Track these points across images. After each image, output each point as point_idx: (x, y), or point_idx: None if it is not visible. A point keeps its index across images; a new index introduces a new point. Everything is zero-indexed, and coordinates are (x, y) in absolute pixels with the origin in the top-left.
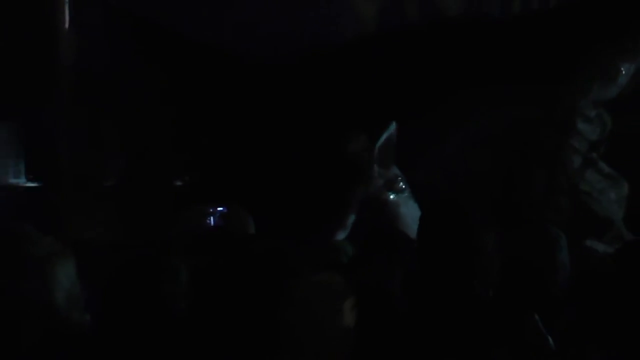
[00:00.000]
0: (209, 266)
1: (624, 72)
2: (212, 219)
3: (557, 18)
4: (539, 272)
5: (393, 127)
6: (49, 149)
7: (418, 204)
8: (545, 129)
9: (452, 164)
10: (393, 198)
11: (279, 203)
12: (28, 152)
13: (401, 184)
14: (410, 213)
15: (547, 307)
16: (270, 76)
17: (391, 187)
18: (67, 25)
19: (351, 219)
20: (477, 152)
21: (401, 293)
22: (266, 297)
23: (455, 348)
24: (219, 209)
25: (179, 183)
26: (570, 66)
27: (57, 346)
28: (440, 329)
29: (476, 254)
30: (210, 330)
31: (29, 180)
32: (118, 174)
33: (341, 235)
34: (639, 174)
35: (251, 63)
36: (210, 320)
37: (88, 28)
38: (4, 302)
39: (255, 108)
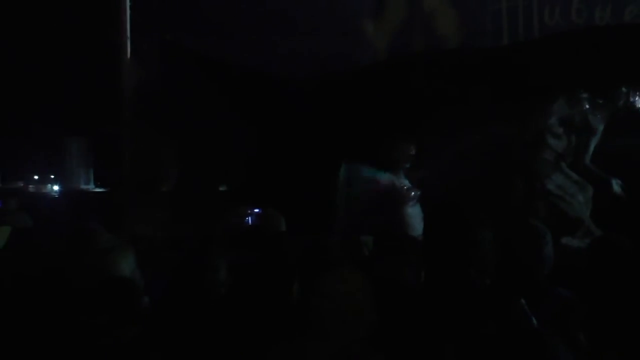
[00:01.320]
0: (249, 260)
1: (586, 100)
2: (249, 219)
3: (534, 51)
4: (528, 263)
5: (406, 139)
6: (114, 160)
7: (420, 207)
8: (522, 144)
9: (451, 171)
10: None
11: (307, 205)
12: (96, 163)
13: (411, 190)
14: (415, 214)
15: (534, 293)
16: (301, 97)
17: (404, 191)
18: (129, 56)
19: (368, 218)
20: (470, 162)
21: (412, 282)
22: (300, 287)
23: (455, 328)
24: (255, 210)
25: (222, 188)
26: (544, 91)
27: (120, 323)
28: (443, 312)
29: (473, 248)
30: (247, 314)
31: (97, 186)
32: (172, 181)
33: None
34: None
35: (284, 86)
36: (248, 306)
37: (147, 58)
38: (77, 284)
39: (286, 125)
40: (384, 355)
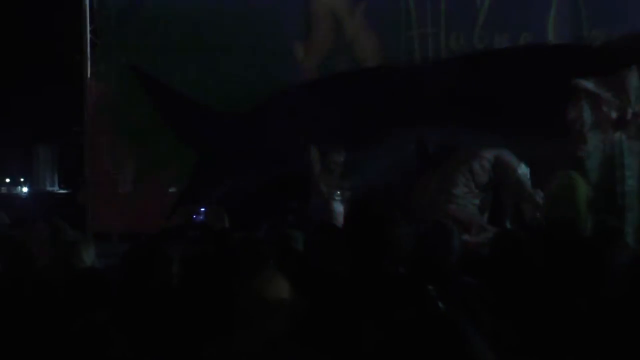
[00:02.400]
0: (194, 252)
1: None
2: (196, 216)
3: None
4: (438, 254)
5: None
6: (76, 166)
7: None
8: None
9: (372, 178)
10: (334, 200)
11: (247, 204)
12: (61, 168)
13: (338, 191)
14: (340, 211)
15: (443, 280)
16: (237, 112)
17: (332, 193)
18: (89, 77)
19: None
20: (388, 171)
21: (338, 271)
22: (233, 282)
23: (375, 312)
24: (201, 208)
25: (172, 190)
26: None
27: (83, 304)
28: (365, 297)
29: (387, 241)
30: (190, 300)
31: (61, 188)
32: (129, 184)
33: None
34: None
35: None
36: (196, 294)
37: (105, 78)
38: (46, 273)
39: (224, 140)
40: (307, 344)
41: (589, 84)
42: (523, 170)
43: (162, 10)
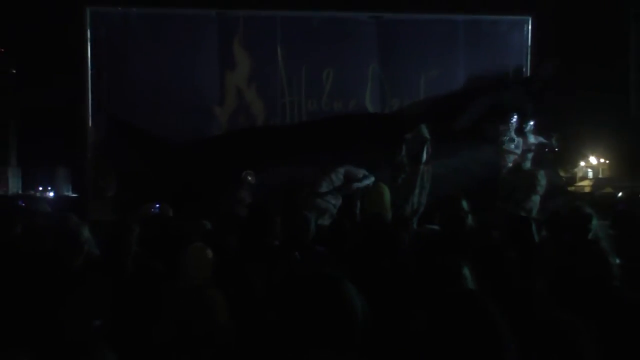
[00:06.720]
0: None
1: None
2: (153, 209)
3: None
4: (302, 232)
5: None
6: (82, 178)
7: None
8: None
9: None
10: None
11: (186, 203)
12: (73, 180)
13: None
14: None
15: (304, 249)
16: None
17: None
18: (90, 123)
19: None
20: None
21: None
22: (175, 250)
23: (260, 269)
24: (156, 205)
25: (141, 193)
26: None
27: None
28: (254, 260)
29: (269, 225)
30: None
31: (73, 193)
32: (114, 191)
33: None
34: None
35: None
36: (149, 259)
37: (99, 123)
38: (62, 247)
39: (170, 163)
40: (221, 288)
41: (407, 135)
42: (364, 181)
43: (136, 85)
